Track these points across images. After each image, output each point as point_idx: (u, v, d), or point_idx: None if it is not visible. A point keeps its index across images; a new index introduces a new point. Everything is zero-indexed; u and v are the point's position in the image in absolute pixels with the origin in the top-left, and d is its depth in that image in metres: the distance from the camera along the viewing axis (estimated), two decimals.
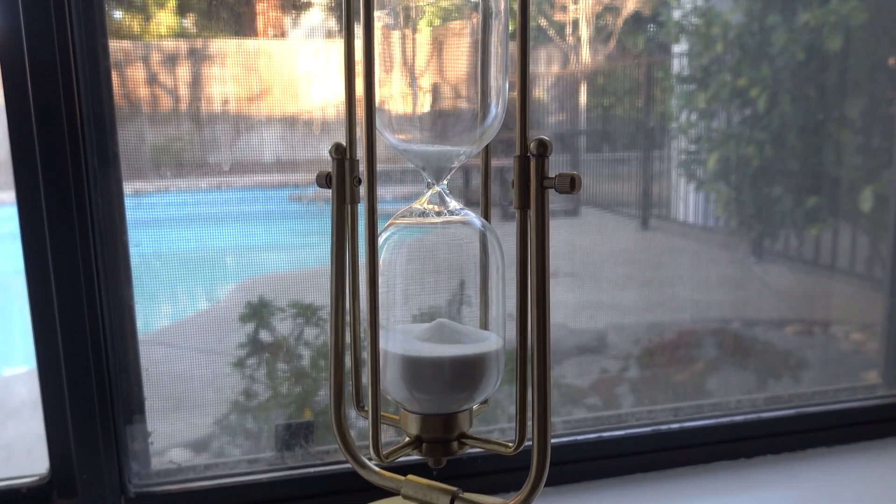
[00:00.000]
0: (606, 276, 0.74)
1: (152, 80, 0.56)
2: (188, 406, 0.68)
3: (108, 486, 0.59)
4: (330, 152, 0.50)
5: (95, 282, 0.57)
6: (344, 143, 0.49)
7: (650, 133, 0.71)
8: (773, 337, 0.78)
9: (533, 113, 0.63)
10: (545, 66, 0.71)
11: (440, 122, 0.46)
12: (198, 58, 0.58)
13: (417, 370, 0.47)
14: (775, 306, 0.77)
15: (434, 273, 0.50)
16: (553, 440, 0.63)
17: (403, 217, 0.49)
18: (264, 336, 0.68)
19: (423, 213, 0.48)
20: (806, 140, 0.72)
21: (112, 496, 0.60)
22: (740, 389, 0.78)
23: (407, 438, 0.50)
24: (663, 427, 0.72)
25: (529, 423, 0.46)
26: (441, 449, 0.49)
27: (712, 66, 0.73)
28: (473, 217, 0.49)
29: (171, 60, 0.58)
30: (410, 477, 0.52)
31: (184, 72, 0.58)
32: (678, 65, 0.75)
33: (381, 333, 0.49)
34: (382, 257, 0.49)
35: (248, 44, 0.60)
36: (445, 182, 0.49)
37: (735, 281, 0.75)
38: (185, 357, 0.66)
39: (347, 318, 0.53)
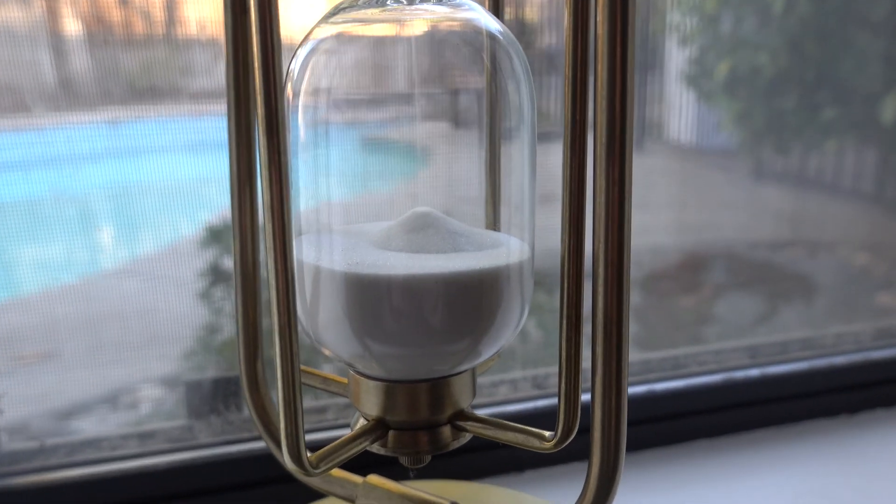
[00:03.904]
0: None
1: (124, 2, 0.48)
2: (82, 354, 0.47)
3: None
4: None
5: None
6: None
7: (649, 43, 0.64)
8: (778, 257, 0.71)
9: (523, 33, 0.55)
10: None
11: None
12: None
13: (376, 302, 0.25)
14: (779, 227, 0.72)
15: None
16: (584, 395, 0.41)
17: (342, 14, 0.26)
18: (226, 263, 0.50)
19: (381, 1, 0.25)
20: (824, 46, 0.66)
21: None
22: (750, 315, 0.66)
23: (361, 421, 0.28)
24: (738, 374, 0.53)
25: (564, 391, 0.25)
26: (424, 440, 0.27)
27: None
28: (478, 10, 0.26)
29: None
30: (372, 478, 0.31)
31: None
32: None
33: (309, 238, 0.27)
34: (302, 95, 0.26)
35: None
36: None
37: (736, 203, 0.70)
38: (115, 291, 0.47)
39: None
